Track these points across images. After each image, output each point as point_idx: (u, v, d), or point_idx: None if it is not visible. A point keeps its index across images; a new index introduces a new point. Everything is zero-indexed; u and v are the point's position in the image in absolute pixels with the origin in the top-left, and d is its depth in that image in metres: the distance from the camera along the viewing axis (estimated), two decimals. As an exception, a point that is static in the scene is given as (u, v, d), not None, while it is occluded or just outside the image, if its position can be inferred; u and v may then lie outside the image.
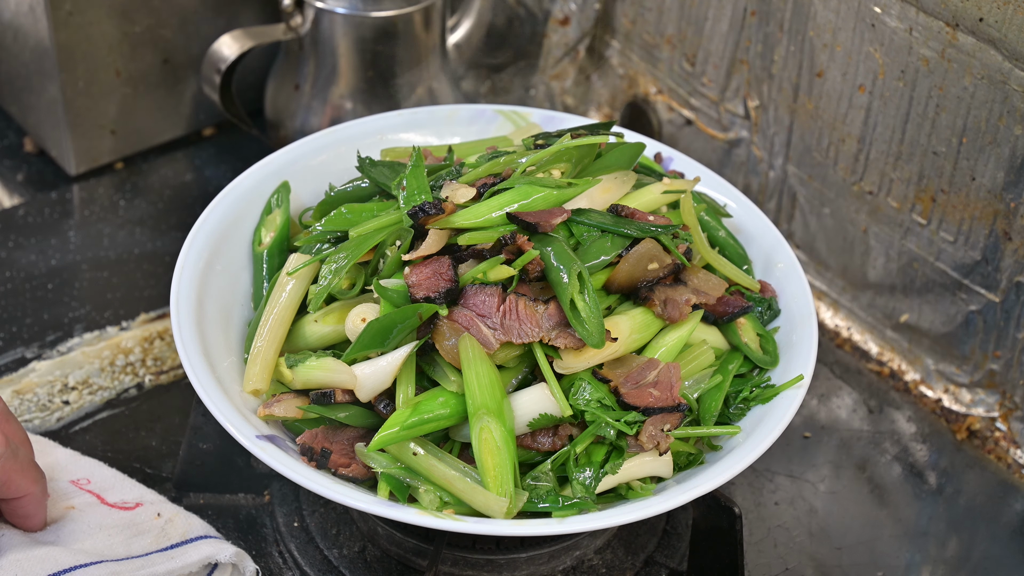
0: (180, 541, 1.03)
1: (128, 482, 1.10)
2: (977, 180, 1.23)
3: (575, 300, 0.96)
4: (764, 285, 1.14)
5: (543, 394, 0.97)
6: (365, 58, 1.46)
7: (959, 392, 1.33)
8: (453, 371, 0.98)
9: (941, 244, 1.29)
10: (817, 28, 1.33)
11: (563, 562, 1.10)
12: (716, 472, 0.96)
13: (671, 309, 1.03)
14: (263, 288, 1.12)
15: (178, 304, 1.04)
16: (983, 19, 1.16)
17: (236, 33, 1.45)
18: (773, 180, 1.45)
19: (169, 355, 1.31)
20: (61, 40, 1.42)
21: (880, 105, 1.29)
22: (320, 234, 1.08)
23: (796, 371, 1.04)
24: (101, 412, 1.25)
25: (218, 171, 1.58)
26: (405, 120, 1.27)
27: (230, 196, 1.15)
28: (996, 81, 1.17)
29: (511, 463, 0.94)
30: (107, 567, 0.99)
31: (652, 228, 1.04)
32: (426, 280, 0.98)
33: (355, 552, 1.10)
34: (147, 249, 1.45)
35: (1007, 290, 1.24)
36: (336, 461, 0.97)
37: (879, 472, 1.28)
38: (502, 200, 1.01)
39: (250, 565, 1.04)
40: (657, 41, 1.54)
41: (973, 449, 1.31)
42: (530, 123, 1.27)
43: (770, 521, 1.22)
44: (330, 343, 1.05)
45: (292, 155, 1.21)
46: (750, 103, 1.45)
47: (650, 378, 0.99)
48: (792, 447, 1.29)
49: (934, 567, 1.20)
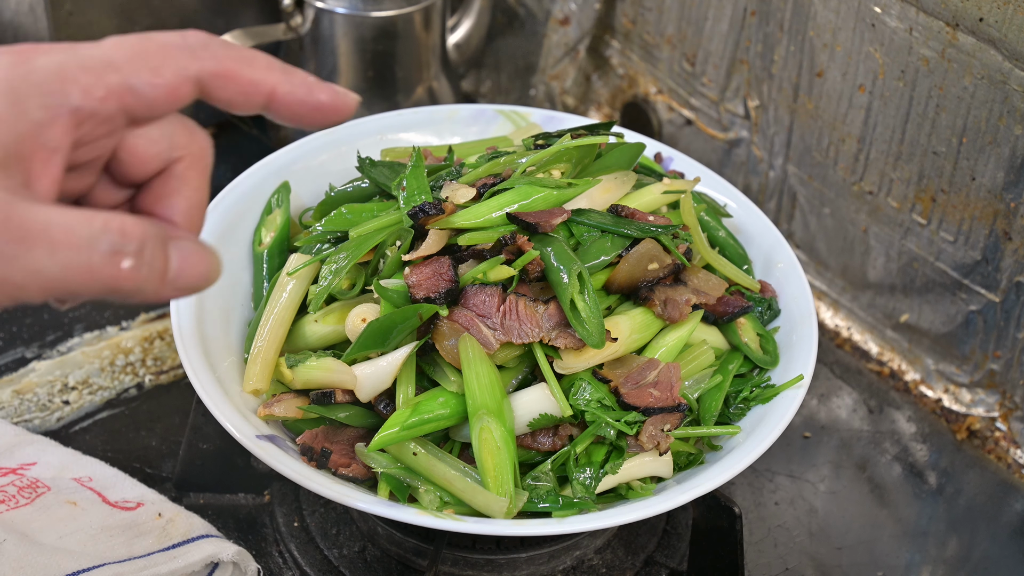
0: (182, 540, 1.03)
1: (129, 481, 1.10)
2: (977, 180, 1.23)
3: (575, 300, 0.96)
4: (764, 285, 1.14)
5: (543, 394, 0.97)
6: (365, 58, 1.46)
7: (959, 392, 1.33)
8: (453, 371, 0.98)
9: (941, 244, 1.29)
10: (817, 28, 1.33)
11: (563, 562, 1.10)
12: (716, 472, 0.96)
13: (671, 309, 1.03)
14: (263, 288, 1.12)
15: (178, 304, 1.04)
16: (983, 19, 1.16)
17: (236, 33, 1.45)
18: (773, 180, 1.45)
19: (169, 355, 1.31)
20: (61, 40, 1.42)
21: (880, 105, 1.29)
22: (320, 234, 1.08)
23: (796, 371, 1.04)
24: (101, 412, 1.25)
25: (218, 171, 1.57)
26: (405, 120, 1.27)
27: (230, 196, 1.15)
28: (996, 81, 1.17)
29: (511, 463, 0.94)
30: (110, 569, 0.99)
31: (652, 228, 1.04)
32: (426, 280, 0.98)
33: (355, 552, 1.10)
34: (147, 249, 1.45)
35: (1007, 290, 1.24)
36: (336, 461, 0.97)
37: (879, 472, 1.28)
38: (502, 200, 1.01)
39: (252, 564, 1.04)
40: (657, 41, 1.54)
41: (973, 449, 1.31)
42: (530, 123, 1.27)
43: (770, 521, 1.22)
44: (330, 343, 1.05)
45: (292, 155, 1.21)
46: (750, 103, 1.45)
47: (650, 378, 0.99)
48: (792, 447, 1.29)
49: (934, 567, 1.20)
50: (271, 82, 0.65)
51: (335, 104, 0.66)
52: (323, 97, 0.66)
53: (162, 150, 0.65)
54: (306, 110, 0.66)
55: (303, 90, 0.65)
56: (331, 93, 0.66)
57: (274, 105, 0.65)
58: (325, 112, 0.66)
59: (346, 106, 0.66)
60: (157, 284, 0.60)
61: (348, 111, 0.66)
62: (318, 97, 0.66)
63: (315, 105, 0.66)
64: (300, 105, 0.65)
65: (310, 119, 0.66)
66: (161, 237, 0.60)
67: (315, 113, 0.66)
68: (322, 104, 0.66)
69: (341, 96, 0.66)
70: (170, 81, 0.62)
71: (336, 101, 0.66)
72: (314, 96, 0.66)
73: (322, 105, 0.66)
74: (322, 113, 0.66)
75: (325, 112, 0.66)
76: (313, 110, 0.66)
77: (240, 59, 0.64)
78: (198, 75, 0.63)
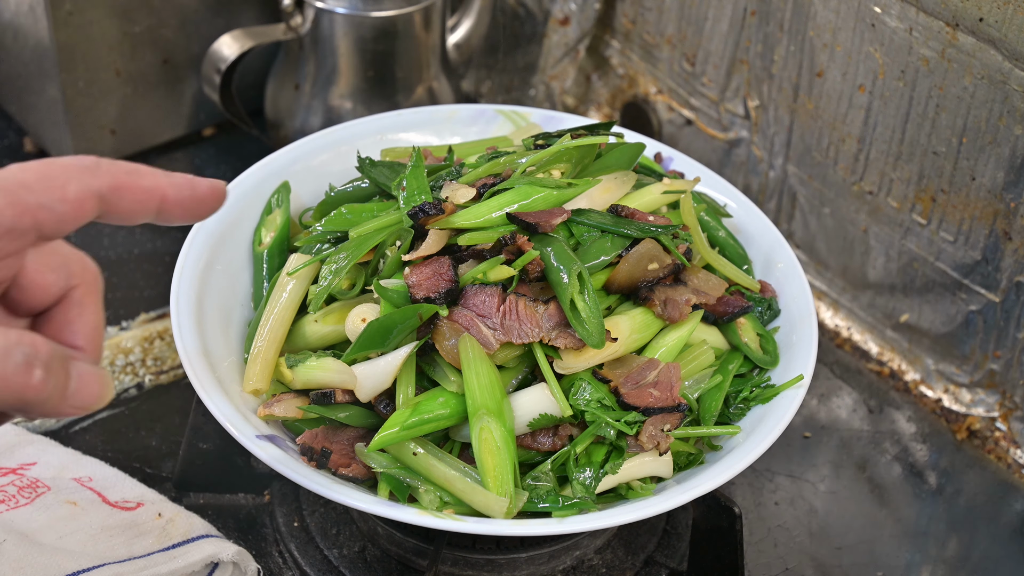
0: (182, 540, 1.03)
1: (129, 481, 1.10)
2: (977, 180, 1.23)
3: (575, 300, 0.96)
4: (764, 285, 1.14)
5: (543, 394, 0.97)
6: (365, 58, 1.46)
7: (959, 392, 1.33)
8: (453, 371, 0.98)
9: (941, 244, 1.29)
10: (817, 28, 1.33)
11: (563, 562, 1.10)
12: (716, 472, 0.96)
13: (671, 309, 1.03)
14: (263, 288, 1.12)
15: (178, 304, 1.04)
16: (983, 19, 1.16)
17: (236, 33, 1.45)
18: (773, 180, 1.45)
19: (169, 355, 1.31)
20: (61, 40, 1.42)
21: (880, 105, 1.29)
22: (320, 234, 1.08)
23: (796, 371, 1.04)
24: (101, 412, 1.25)
25: (218, 171, 1.58)
26: (405, 120, 1.27)
27: (230, 196, 1.15)
28: (996, 81, 1.17)
29: (511, 463, 0.94)
30: (110, 569, 0.99)
31: (652, 228, 1.04)
32: (426, 280, 0.98)
33: (355, 552, 1.10)
34: (147, 249, 1.45)
35: (1007, 290, 1.24)
36: (336, 461, 0.97)
37: (879, 472, 1.28)
38: (502, 200, 1.01)
39: (252, 564, 1.04)
40: (657, 41, 1.54)
41: (973, 449, 1.31)
42: (530, 123, 1.27)
43: (770, 521, 1.22)
44: (330, 343, 1.05)
45: (292, 155, 1.21)
46: (750, 103, 1.45)
47: (650, 378, 0.99)
48: (792, 447, 1.29)
49: (934, 567, 1.20)
50: (161, 187, 0.71)
51: (213, 193, 0.73)
52: (203, 189, 0.73)
53: (60, 278, 0.71)
54: (192, 204, 0.72)
55: (187, 189, 0.72)
56: (207, 184, 0.73)
57: (166, 207, 0.71)
58: (207, 202, 0.73)
59: (222, 192, 0.73)
60: (58, 400, 0.65)
61: (223, 195, 0.74)
62: (199, 191, 0.72)
63: (199, 199, 0.72)
64: (187, 201, 0.72)
65: (195, 212, 0.73)
66: (63, 356, 0.65)
67: (200, 206, 0.73)
68: (204, 195, 0.73)
69: (215, 185, 0.73)
70: (77, 197, 0.67)
71: (213, 190, 0.73)
72: (196, 191, 0.72)
73: (204, 196, 0.73)
74: (206, 204, 0.73)
75: (207, 202, 0.73)
76: (198, 203, 0.72)
77: (131, 172, 0.70)
78: (99, 190, 0.68)
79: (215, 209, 0.74)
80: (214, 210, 0.74)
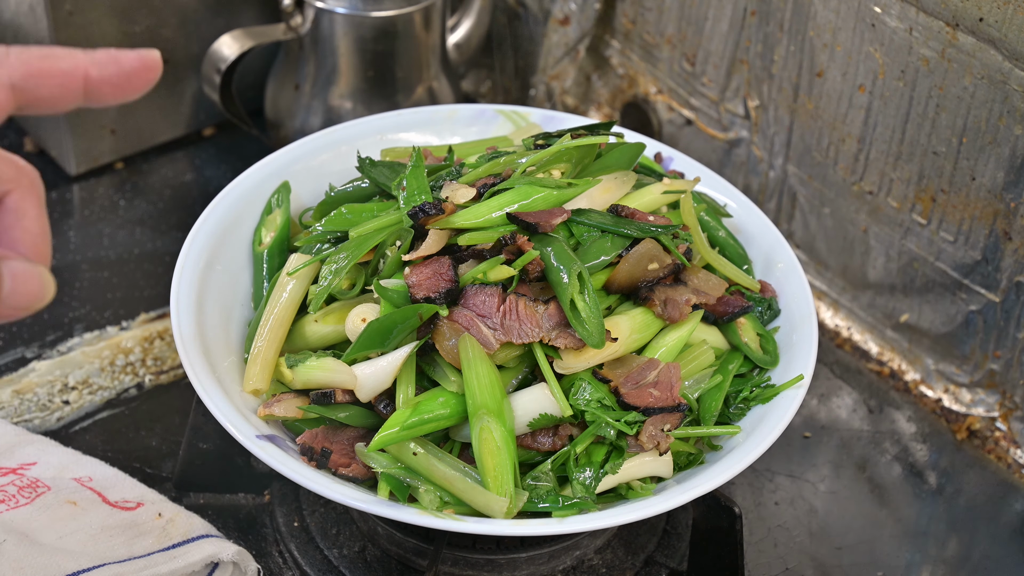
0: (182, 540, 1.03)
1: (129, 481, 1.10)
2: (977, 180, 1.23)
3: (575, 300, 0.96)
4: (764, 285, 1.14)
5: (543, 394, 0.97)
6: (365, 58, 1.46)
7: (959, 392, 1.33)
8: (453, 371, 0.98)
9: (941, 244, 1.29)
10: (817, 28, 1.33)
11: (563, 562, 1.10)
12: (716, 472, 0.96)
13: (671, 309, 1.03)
14: (263, 288, 1.12)
15: (178, 304, 1.04)
16: (983, 19, 1.16)
17: (236, 33, 1.45)
18: (773, 180, 1.45)
19: (169, 355, 1.31)
20: (61, 40, 1.42)
21: (880, 105, 1.29)
22: (320, 234, 1.08)
23: (796, 371, 1.04)
24: (101, 412, 1.25)
25: (218, 171, 1.58)
26: (405, 120, 1.27)
27: (230, 196, 1.15)
28: (996, 81, 1.17)
29: (511, 463, 0.94)
30: (110, 569, 0.99)
31: (652, 228, 1.04)
32: (426, 280, 0.98)
33: (355, 552, 1.10)
34: (147, 249, 1.45)
35: (1007, 290, 1.24)
36: (336, 461, 0.97)
37: (879, 472, 1.28)
38: (502, 200, 1.01)
39: (252, 564, 1.04)
40: (657, 41, 1.54)
41: (973, 449, 1.31)
42: (530, 123, 1.27)
43: (770, 521, 1.22)
44: (330, 343, 1.05)
45: (292, 155, 1.21)
46: (750, 103, 1.45)
47: (650, 378, 0.99)
48: (792, 447, 1.29)
49: (934, 567, 1.20)
50: (81, 66, 0.64)
51: (143, 63, 0.65)
52: (130, 62, 0.65)
53: None
54: (121, 80, 0.65)
55: (112, 64, 0.64)
56: (134, 56, 0.65)
57: (92, 87, 0.65)
58: (139, 75, 0.65)
59: (152, 61, 0.65)
60: None
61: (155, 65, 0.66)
62: (126, 64, 0.65)
63: (128, 73, 0.65)
64: (115, 78, 0.65)
65: (126, 89, 0.66)
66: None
67: (130, 81, 0.65)
68: (133, 69, 0.65)
69: (144, 56, 0.65)
70: None
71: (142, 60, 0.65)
72: (122, 65, 0.65)
73: (133, 70, 0.65)
74: (137, 78, 0.65)
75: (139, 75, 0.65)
76: (127, 78, 0.65)
77: (45, 56, 0.63)
78: (11, 81, 0.63)
79: (150, 82, 0.66)
80: (149, 83, 0.66)
